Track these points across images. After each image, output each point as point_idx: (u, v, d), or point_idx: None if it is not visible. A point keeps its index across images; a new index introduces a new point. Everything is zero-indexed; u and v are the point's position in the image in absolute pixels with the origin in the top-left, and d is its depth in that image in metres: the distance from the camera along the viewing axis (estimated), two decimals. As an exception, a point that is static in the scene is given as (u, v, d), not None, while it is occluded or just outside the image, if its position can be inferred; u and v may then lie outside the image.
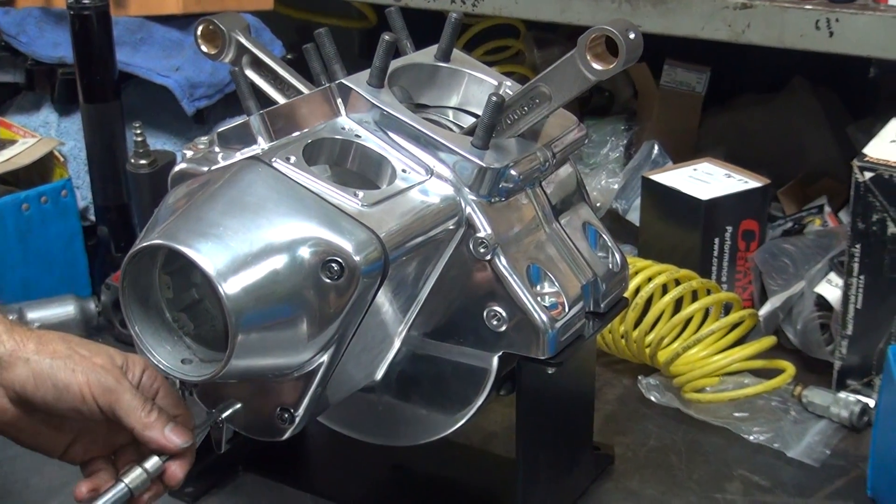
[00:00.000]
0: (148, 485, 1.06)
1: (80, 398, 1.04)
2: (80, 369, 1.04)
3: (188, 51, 1.81)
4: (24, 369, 1.04)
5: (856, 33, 1.49)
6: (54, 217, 1.67)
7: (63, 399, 1.04)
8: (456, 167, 1.11)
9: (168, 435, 1.05)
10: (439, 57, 1.26)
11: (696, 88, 2.05)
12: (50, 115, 1.86)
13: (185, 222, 1.01)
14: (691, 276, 1.51)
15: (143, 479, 1.05)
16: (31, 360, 1.04)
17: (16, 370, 1.04)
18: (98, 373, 1.04)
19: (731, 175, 1.67)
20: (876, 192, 1.37)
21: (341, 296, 1.02)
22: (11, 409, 1.06)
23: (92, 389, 1.04)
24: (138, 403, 1.05)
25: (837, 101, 2.03)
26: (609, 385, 1.54)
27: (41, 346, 1.05)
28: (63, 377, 1.04)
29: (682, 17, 1.59)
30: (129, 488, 1.05)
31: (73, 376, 1.04)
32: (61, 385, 1.03)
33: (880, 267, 1.39)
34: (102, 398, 1.04)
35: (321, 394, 1.09)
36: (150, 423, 1.05)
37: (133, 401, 1.05)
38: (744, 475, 1.35)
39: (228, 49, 1.26)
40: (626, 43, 1.04)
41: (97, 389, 1.04)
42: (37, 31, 1.84)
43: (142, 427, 1.05)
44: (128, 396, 1.05)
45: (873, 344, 1.43)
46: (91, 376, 1.04)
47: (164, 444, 1.05)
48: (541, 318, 1.10)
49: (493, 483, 1.34)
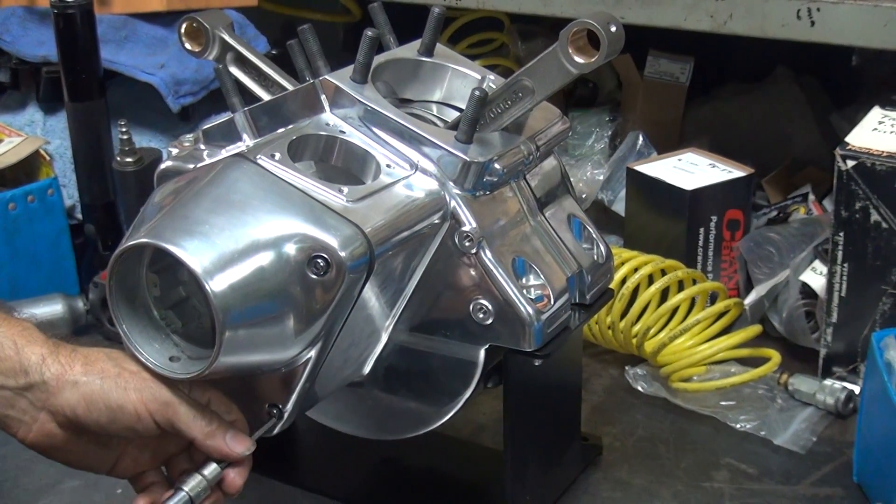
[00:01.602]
0: (208, 492, 1.04)
1: (136, 417, 1.01)
2: (133, 387, 1.01)
3: (173, 48, 1.81)
4: (74, 393, 1.01)
5: (837, 22, 1.50)
6: (41, 216, 1.67)
7: (117, 420, 1.01)
8: (440, 162, 1.12)
9: (230, 443, 1.04)
10: (423, 51, 1.26)
11: (680, 79, 2.05)
12: (35, 113, 1.86)
13: (171, 220, 1.02)
14: (677, 266, 1.52)
15: (204, 487, 1.03)
16: (80, 382, 1.01)
17: (64, 394, 1.01)
18: (152, 388, 1.02)
19: (716, 165, 1.68)
20: (858, 180, 1.37)
21: (328, 291, 1.03)
22: (60, 433, 1.03)
23: (148, 406, 1.01)
24: (197, 413, 1.03)
25: (820, 90, 2.03)
26: (596, 376, 1.55)
27: (88, 366, 1.02)
28: (116, 397, 1.01)
29: (665, 8, 1.60)
30: (190, 496, 1.02)
31: (126, 395, 1.01)
32: (115, 406, 1.01)
33: (864, 254, 1.40)
34: (160, 413, 1.02)
35: (309, 389, 1.09)
36: (211, 432, 1.03)
37: (191, 411, 1.03)
38: (731, 463, 1.36)
39: (212, 46, 1.26)
40: (608, 36, 1.05)
41: (153, 405, 1.01)
42: (21, 30, 1.84)
43: (203, 437, 1.03)
44: (185, 408, 1.02)
45: (858, 331, 1.44)
46: (145, 393, 1.01)
47: (227, 452, 1.04)
48: (526, 311, 1.11)
49: (483, 475, 1.35)
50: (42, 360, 1.02)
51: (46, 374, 1.01)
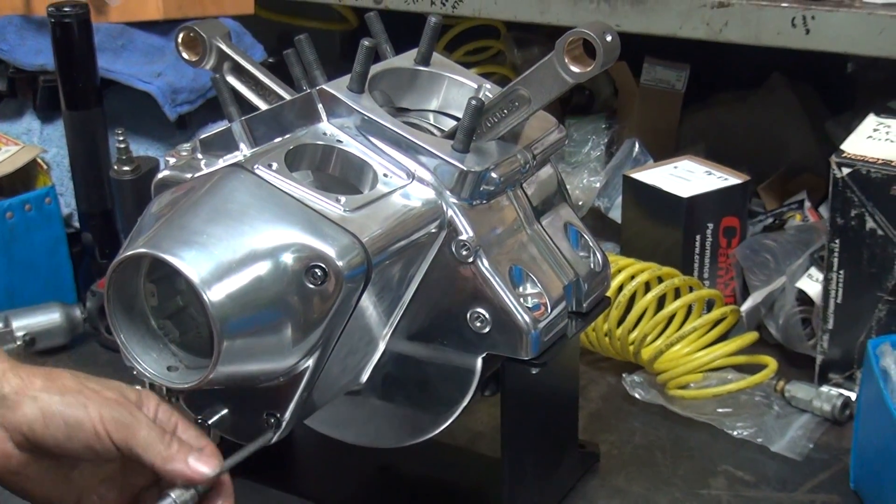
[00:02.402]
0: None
1: (94, 435, 0.96)
2: (92, 404, 0.97)
3: (170, 56, 1.81)
4: (32, 408, 0.97)
5: (832, 30, 1.50)
6: (38, 224, 1.67)
7: (75, 437, 0.96)
8: (437, 171, 1.12)
9: (193, 465, 0.97)
10: (419, 61, 1.27)
11: (676, 86, 2.05)
12: (32, 122, 1.86)
13: (168, 230, 1.02)
14: (673, 273, 1.52)
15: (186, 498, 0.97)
16: (39, 397, 0.97)
17: (23, 409, 0.97)
18: (111, 407, 0.98)
19: (712, 172, 1.69)
20: (854, 187, 1.38)
21: (325, 301, 1.03)
22: (17, 454, 0.98)
23: (106, 425, 0.97)
24: (156, 436, 0.98)
25: (816, 97, 2.04)
26: (593, 383, 1.55)
27: (49, 382, 0.99)
28: (74, 413, 0.96)
29: (660, 16, 1.60)
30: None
31: (84, 412, 0.97)
32: (72, 422, 0.96)
33: (859, 261, 1.40)
34: (117, 434, 0.97)
35: (308, 398, 1.10)
36: (171, 456, 0.97)
37: (150, 434, 0.98)
38: (728, 470, 1.36)
39: (209, 56, 1.26)
40: (604, 45, 1.05)
41: (111, 425, 0.97)
42: (17, 39, 1.84)
43: (162, 461, 0.97)
44: (144, 431, 0.97)
45: (854, 338, 1.44)
46: (104, 411, 0.97)
47: (190, 475, 0.97)
48: (524, 319, 1.11)
49: (480, 483, 1.35)
50: (2, 374, 0.99)
51: (6, 387, 0.98)
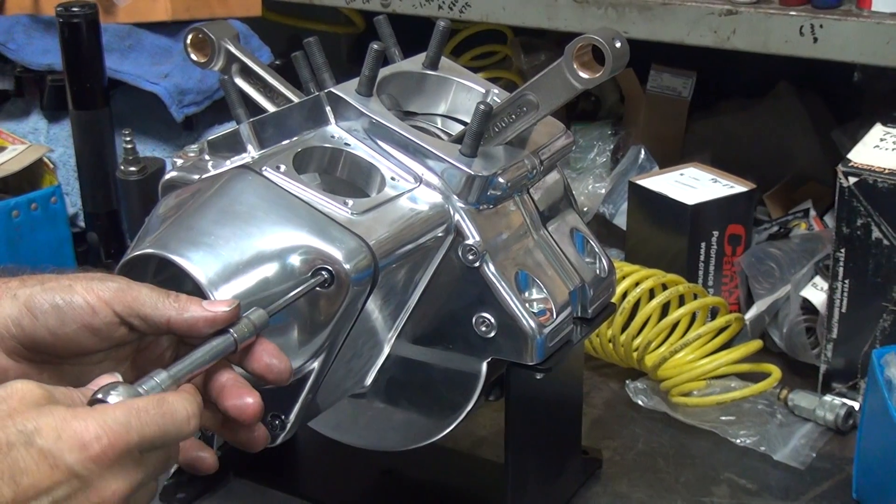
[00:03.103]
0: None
1: (89, 310, 0.88)
2: (78, 283, 0.89)
3: (177, 57, 1.81)
4: (13, 304, 0.88)
5: (840, 39, 1.50)
6: (44, 224, 1.68)
7: (68, 319, 0.88)
8: (444, 175, 1.12)
9: (209, 307, 0.90)
10: (427, 65, 1.27)
11: (683, 93, 2.06)
12: (39, 121, 1.86)
13: (176, 231, 1.02)
14: (678, 280, 1.52)
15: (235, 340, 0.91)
16: (19, 293, 0.88)
17: (4, 309, 0.88)
18: (100, 280, 0.89)
19: (718, 180, 1.69)
20: (860, 196, 1.38)
21: (332, 304, 1.03)
22: (13, 365, 0.89)
23: (100, 295, 0.88)
24: (160, 293, 0.90)
25: (822, 106, 2.04)
26: (597, 389, 1.55)
27: (24, 280, 0.90)
28: (61, 295, 0.88)
29: (668, 23, 1.60)
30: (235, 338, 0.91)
31: (71, 292, 0.88)
32: (61, 303, 0.88)
33: (864, 271, 1.40)
34: (118, 301, 0.88)
35: (312, 400, 1.10)
36: (183, 305, 0.89)
37: (153, 293, 0.90)
38: (731, 478, 1.36)
39: (218, 57, 1.26)
40: (613, 51, 1.05)
41: (107, 293, 0.88)
42: (25, 39, 1.85)
43: (178, 311, 0.89)
44: (146, 290, 0.89)
45: (858, 347, 1.44)
46: (94, 285, 0.89)
47: (213, 316, 0.89)
48: (529, 325, 1.11)
49: (482, 488, 1.35)
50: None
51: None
